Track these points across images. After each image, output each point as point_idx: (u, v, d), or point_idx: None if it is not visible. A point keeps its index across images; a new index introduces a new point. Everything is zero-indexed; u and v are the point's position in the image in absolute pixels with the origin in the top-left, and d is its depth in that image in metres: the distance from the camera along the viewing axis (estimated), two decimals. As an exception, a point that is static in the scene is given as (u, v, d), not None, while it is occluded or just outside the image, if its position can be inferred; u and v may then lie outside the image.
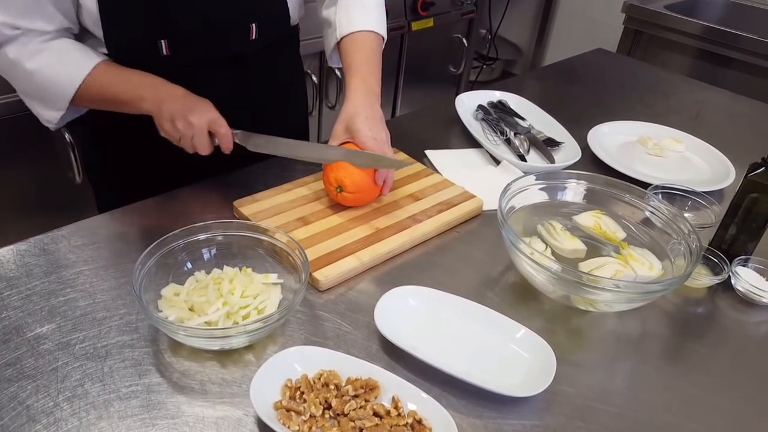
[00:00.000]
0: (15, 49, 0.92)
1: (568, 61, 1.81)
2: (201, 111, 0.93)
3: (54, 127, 1.02)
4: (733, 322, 0.89)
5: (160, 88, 0.95)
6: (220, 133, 0.94)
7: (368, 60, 1.06)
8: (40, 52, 0.93)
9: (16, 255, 0.88)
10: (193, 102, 0.94)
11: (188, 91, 0.96)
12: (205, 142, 0.94)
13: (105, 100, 0.98)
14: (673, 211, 0.92)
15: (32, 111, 1.01)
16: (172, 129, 0.93)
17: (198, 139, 0.93)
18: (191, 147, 0.95)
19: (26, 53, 0.92)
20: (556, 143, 1.27)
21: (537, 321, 0.85)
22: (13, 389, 0.69)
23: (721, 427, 0.73)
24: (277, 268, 0.85)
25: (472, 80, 3.21)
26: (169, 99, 0.94)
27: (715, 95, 1.64)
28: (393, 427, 0.67)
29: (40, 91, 0.97)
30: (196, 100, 0.95)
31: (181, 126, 0.92)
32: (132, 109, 0.96)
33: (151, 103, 0.94)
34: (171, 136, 0.94)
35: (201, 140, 0.93)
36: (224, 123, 0.95)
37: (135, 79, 0.96)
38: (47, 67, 0.93)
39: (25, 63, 0.93)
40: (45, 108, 0.99)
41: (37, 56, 0.93)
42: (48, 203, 1.66)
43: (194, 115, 0.92)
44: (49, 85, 0.95)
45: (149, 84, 0.96)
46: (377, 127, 0.99)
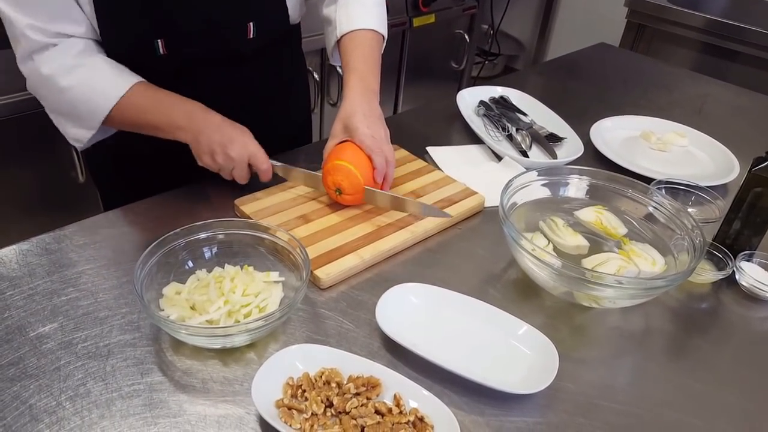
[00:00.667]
0: (50, 64, 0.90)
1: (571, 56, 1.80)
2: (240, 144, 0.94)
3: (82, 146, 1.00)
4: (737, 317, 0.89)
5: (197, 117, 0.95)
6: (260, 170, 0.97)
7: (366, 58, 1.05)
8: (75, 68, 0.91)
9: (19, 254, 0.88)
10: (231, 132, 0.94)
11: (224, 119, 0.96)
12: (244, 175, 0.97)
13: (138, 125, 0.97)
14: (677, 206, 0.91)
15: (60, 129, 0.99)
16: (212, 162, 0.94)
17: (237, 172, 0.96)
18: (230, 177, 0.96)
19: (61, 69, 0.90)
20: (559, 139, 1.27)
21: (539, 317, 0.84)
22: (16, 389, 0.69)
23: (725, 423, 0.73)
24: (278, 267, 0.85)
25: (474, 76, 3.20)
26: (206, 130, 0.93)
27: (719, 89, 1.63)
28: (395, 425, 0.66)
29: (73, 108, 0.95)
30: (234, 130, 0.95)
31: (221, 160, 0.94)
32: (167, 136, 0.95)
33: (188, 133, 0.94)
34: (210, 167, 0.96)
35: (240, 173, 0.96)
36: (264, 158, 0.96)
37: (171, 105, 0.96)
38: (82, 84, 0.92)
39: (59, 79, 0.91)
40: (75, 126, 0.97)
41: (72, 73, 0.91)
42: (51, 203, 1.67)
43: (233, 149, 0.93)
44: (83, 103, 0.93)
45: (186, 112, 0.95)
46: (375, 125, 0.99)
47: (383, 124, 1.01)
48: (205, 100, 0.99)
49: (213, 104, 0.99)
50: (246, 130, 0.97)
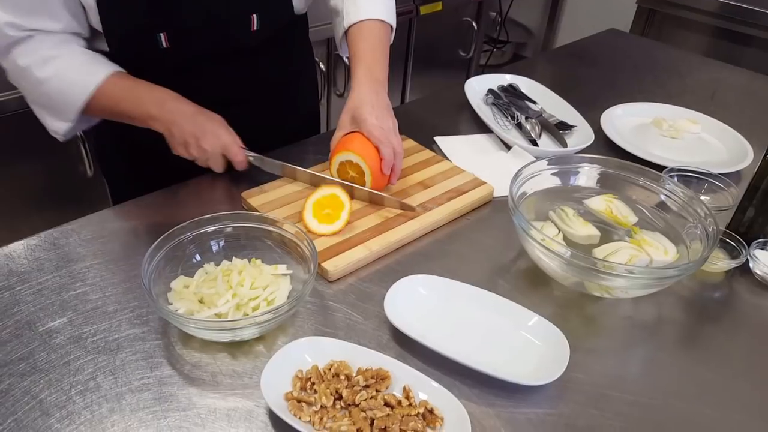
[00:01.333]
0: (26, 56, 0.91)
1: (580, 43, 1.78)
2: (213, 135, 0.93)
3: (62, 138, 1.01)
4: (750, 306, 0.87)
5: (169, 106, 0.94)
6: (235, 161, 0.97)
7: (374, 48, 1.04)
8: (50, 59, 0.91)
9: (27, 250, 0.88)
10: (203, 124, 0.93)
11: (197, 108, 0.95)
12: (219, 165, 0.97)
13: (114, 114, 0.98)
14: (689, 194, 0.90)
15: (41, 121, 0.99)
16: (186, 153, 0.95)
17: (212, 163, 0.96)
18: (205, 166, 0.97)
19: (37, 60, 0.91)
20: (569, 127, 1.25)
21: (549, 308, 0.84)
22: (26, 383, 0.69)
23: (738, 414, 0.72)
24: (286, 259, 0.85)
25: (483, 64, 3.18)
26: (179, 120, 0.93)
27: (732, 74, 1.60)
28: (404, 417, 0.66)
29: (50, 100, 0.95)
30: (206, 121, 0.94)
31: (195, 152, 0.94)
32: (143, 125, 0.95)
33: (161, 123, 0.94)
34: (185, 157, 0.96)
35: (215, 163, 0.96)
36: (238, 150, 0.96)
37: (143, 95, 0.95)
38: (57, 76, 0.92)
39: (36, 71, 0.91)
40: (54, 118, 0.98)
41: (47, 64, 0.91)
42: (60, 197, 1.67)
43: (207, 141, 0.93)
44: (59, 95, 0.94)
45: (157, 101, 0.94)
46: (383, 116, 0.98)
47: (391, 114, 1.00)
48: (212, 94, 0.98)
49: (220, 98, 0.98)
50: (220, 120, 0.96)
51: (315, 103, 1.35)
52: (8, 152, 1.54)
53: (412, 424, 0.65)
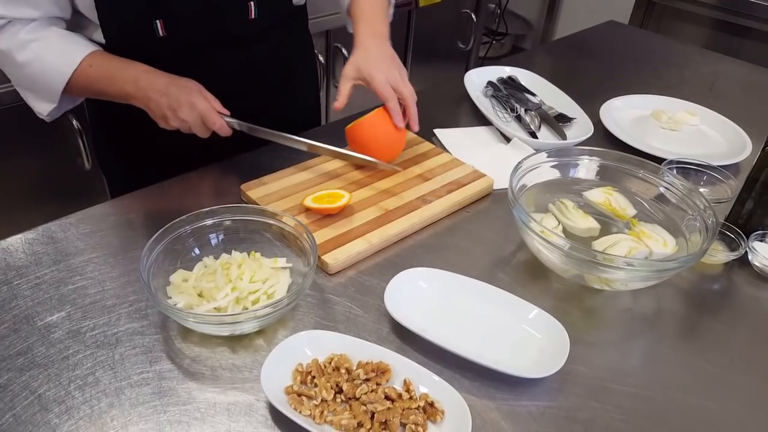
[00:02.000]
0: (5, 40, 0.91)
1: (579, 35, 1.77)
2: (188, 105, 0.92)
3: (48, 119, 1.01)
4: (749, 298, 0.87)
5: (142, 83, 0.93)
6: (214, 128, 0.95)
7: (372, 5, 1.06)
8: (29, 43, 0.91)
9: (25, 244, 0.88)
10: (177, 94, 0.92)
11: (171, 79, 0.94)
12: (202, 131, 0.95)
13: (95, 94, 0.98)
14: (688, 186, 0.90)
15: (27, 102, 1.00)
16: (168, 125, 0.94)
17: (195, 130, 0.94)
18: (189, 132, 0.95)
19: (16, 44, 0.91)
20: (568, 119, 1.25)
21: (549, 301, 0.84)
22: (25, 378, 0.69)
23: (738, 405, 0.72)
24: (285, 252, 0.85)
25: (482, 56, 3.16)
26: (153, 95, 0.92)
27: (731, 66, 1.60)
28: (405, 410, 0.66)
29: (32, 83, 0.96)
30: (180, 91, 0.92)
31: (175, 123, 0.93)
32: (124, 102, 0.95)
33: (138, 100, 0.93)
34: (168, 128, 0.95)
35: (198, 130, 0.95)
36: (214, 117, 0.94)
37: (117, 74, 0.94)
38: (37, 59, 0.92)
39: (16, 55, 0.92)
40: (37, 100, 0.98)
41: (26, 48, 0.91)
42: (58, 191, 1.67)
43: (183, 112, 0.91)
44: (40, 77, 0.94)
45: (131, 79, 0.93)
46: (389, 68, 0.99)
47: (397, 64, 1.01)
48: (210, 83, 0.98)
49: (218, 88, 0.97)
50: (195, 87, 0.94)
51: (315, 94, 1.34)
52: (6, 146, 1.53)
53: (412, 417, 0.65)
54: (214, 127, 0.94)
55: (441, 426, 0.66)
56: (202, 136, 0.96)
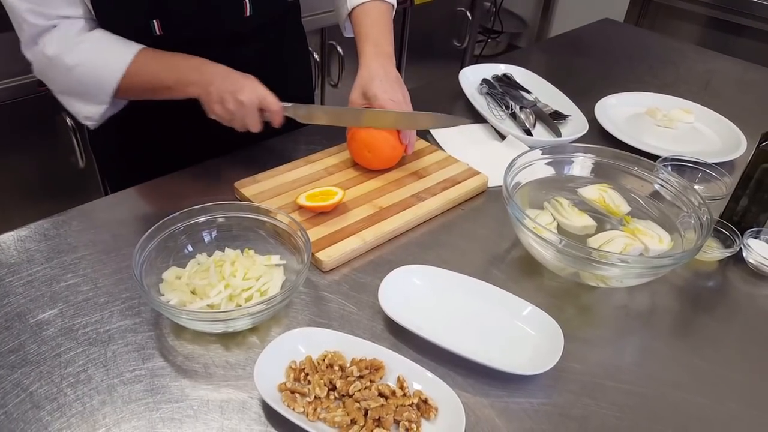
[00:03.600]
0: (53, 44, 0.90)
1: (575, 32, 1.77)
2: (249, 88, 0.92)
3: (94, 124, 1.00)
4: (744, 295, 0.87)
5: (204, 69, 0.94)
6: (271, 111, 0.95)
7: (378, 23, 1.06)
8: (79, 44, 0.91)
9: (17, 241, 0.87)
10: (239, 79, 0.93)
11: (231, 68, 0.95)
12: (256, 121, 0.95)
13: (149, 90, 0.97)
14: (683, 184, 0.90)
15: (70, 110, 0.98)
16: (223, 111, 0.93)
17: (249, 118, 0.94)
18: (242, 126, 0.95)
19: (65, 47, 0.90)
20: (563, 116, 1.25)
21: (544, 298, 0.83)
22: (17, 376, 0.69)
23: (732, 402, 0.72)
24: (279, 250, 0.84)
25: (477, 54, 3.16)
26: (215, 80, 0.92)
27: (726, 64, 1.60)
28: (399, 408, 0.66)
29: (81, 86, 0.94)
30: (242, 77, 0.94)
31: (233, 107, 0.92)
32: (178, 94, 0.95)
33: (198, 86, 0.93)
34: (222, 117, 0.94)
35: (252, 119, 0.94)
36: (275, 99, 0.95)
37: (178, 63, 0.95)
38: (87, 60, 0.91)
39: (65, 58, 0.90)
40: (86, 104, 0.96)
41: (76, 49, 0.91)
42: (52, 189, 1.66)
43: (244, 94, 0.92)
44: (90, 78, 0.93)
45: (193, 66, 0.94)
46: (393, 88, 1.00)
47: (401, 86, 1.02)
48: None
49: None
50: (253, 77, 0.96)
51: (309, 92, 1.34)
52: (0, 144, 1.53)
53: (406, 414, 0.65)
54: (273, 108, 0.94)
55: (435, 423, 0.66)
56: (254, 128, 0.95)
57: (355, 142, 1.02)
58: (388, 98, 0.98)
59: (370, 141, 1.00)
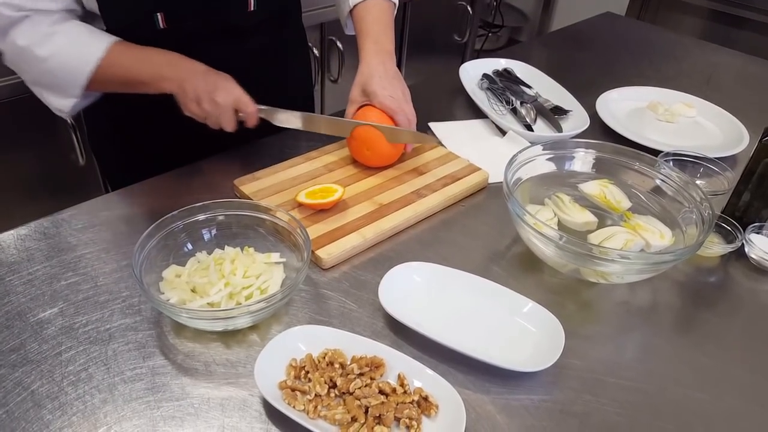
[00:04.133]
0: (25, 35, 0.89)
1: (576, 26, 1.76)
2: (226, 89, 0.92)
3: (66, 115, 1.00)
4: (746, 290, 0.87)
5: (180, 66, 0.93)
6: (246, 112, 0.95)
7: (379, 20, 1.06)
8: (51, 36, 0.90)
9: (17, 239, 0.87)
10: (215, 79, 0.93)
11: (209, 67, 0.94)
12: (231, 121, 0.94)
13: (122, 83, 0.96)
14: (685, 179, 0.89)
15: (42, 100, 0.98)
16: (198, 109, 0.93)
17: (224, 118, 0.93)
18: (216, 125, 0.94)
19: (36, 38, 0.89)
20: (564, 111, 1.24)
21: (544, 294, 0.83)
22: (18, 375, 0.69)
23: (733, 398, 0.72)
24: (279, 247, 0.84)
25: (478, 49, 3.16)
26: (191, 77, 0.92)
27: (728, 57, 1.59)
28: (399, 405, 0.66)
29: (53, 77, 0.94)
30: (218, 77, 0.93)
31: (208, 107, 0.92)
32: (153, 89, 0.94)
33: (173, 83, 0.92)
34: (196, 115, 0.94)
35: (227, 119, 0.94)
36: (249, 101, 0.95)
37: (153, 58, 0.94)
38: (59, 52, 0.90)
39: (36, 49, 0.89)
40: (57, 96, 0.96)
41: (48, 41, 0.90)
42: (52, 187, 1.66)
43: (219, 95, 0.91)
44: (62, 71, 0.92)
45: (168, 62, 0.94)
46: (392, 86, 0.99)
47: (401, 83, 1.02)
48: None
49: None
50: (230, 77, 0.95)
51: (309, 88, 1.34)
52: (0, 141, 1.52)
53: (407, 411, 0.65)
54: (247, 110, 0.94)
55: (435, 420, 0.66)
56: (228, 127, 0.94)
57: (354, 141, 1.01)
58: (387, 95, 0.98)
59: (369, 139, 0.99)
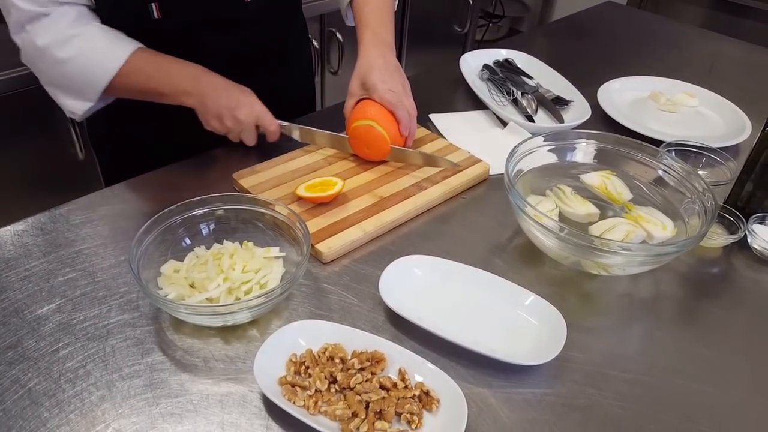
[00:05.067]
0: (45, 35, 0.88)
1: (577, 16, 1.75)
2: (247, 106, 0.92)
3: (79, 118, 0.99)
4: (749, 281, 0.86)
5: (202, 80, 0.93)
6: (268, 131, 0.96)
7: (378, 11, 1.04)
8: (72, 38, 0.89)
9: (14, 235, 0.86)
10: (237, 95, 0.93)
11: (229, 81, 0.94)
12: (253, 137, 0.96)
13: (141, 92, 0.95)
14: (687, 169, 0.88)
15: (57, 102, 0.97)
16: (220, 126, 0.93)
17: (246, 134, 0.94)
18: (237, 139, 0.95)
19: (57, 40, 0.88)
20: (565, 102, 1.23)
21: (546, 287, 0.83)
22: (15, 372, 0.68)
23: (737, 390, 0.71)
24: (278, 242, 0.83)
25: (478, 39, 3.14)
26: (212, 93, 0.92)
27: (730, 46, 1.58)
28: (400, 400, 0.65)
29: (70, 81, 0.93)
30: (240, 93, 0.93)
31: (230, 123, 0.92)
32: (172, 101, 0.94)
33: (194, 98, 0.92)
34: (217, 130, 0.94)
35: (248, 135, 0.95)
36: (272, 119, 0.95)
37: (174, 69, 0.93)
38: (80, 55, 0.89)
39: (56, 51, 0.88)
40: (73, 98, 0.95)
41: (68, 43, 0.89)
42: (52, 181, 1.65)
43: (241, 112, 0.91)
44: (81, 75, 0.91)
45: (190, 76, 0.93)
46: (392, 79, 0.98)
47: (401, 76, 1.01)
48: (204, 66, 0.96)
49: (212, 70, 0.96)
50: (251, 91, 0.96)
51: (310, 80, 1.32)
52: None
53: (408, 406, 0.64)
54: (270, 129, 0.95)
55: (437, 415, 0.65)
56: (249, 142, 0.96)
57: (354, 139, 1.00)
58: (386, 89, 0.97)
59: (368, 137, 0.98)
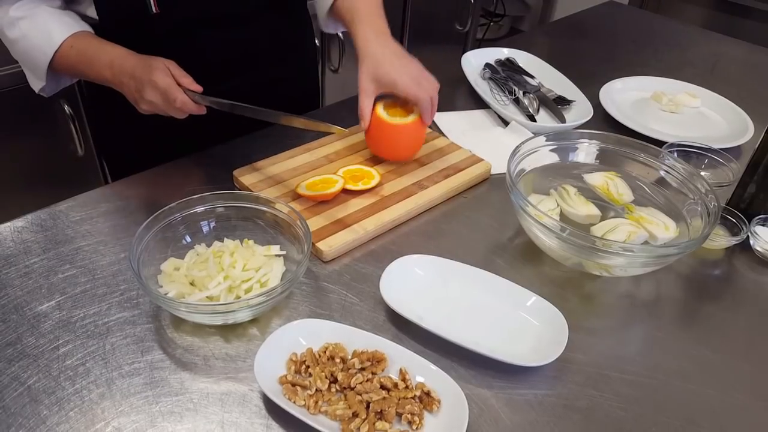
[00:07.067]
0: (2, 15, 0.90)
1: (579, 16, 1.74)
2: (150, 85, 0.86)
3: (46, 95, 1.00)
4: (751, 283, 0.86)
5: (116, 66, 0.89)
6: (175, 104, 0.86)
7: (369, 3, 1.00)
8: (18, 20, 0.90)
9: (13, 232, 0.86)
10: (141, 75, 0.86)
11: (139, 59, 0.88)
12: (172, 110, 0.88)
13: (80, 76, 0.97)
14: (689, 170, 0.88)
15: None
16: (140, 110, 0.90)
17: (166, 111, 0.88)
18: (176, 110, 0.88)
19: (6, 21, 0.91)
20: (567, 102, 1.23)
21: (547, 287, 0.82)
22: (14, 369, 0.68)
23: (738, 393, 0.71)
24: (279, 240, 0.83)
25: (479, 38, 3.13)
26: (124, 79, 0.88)
27: (733, 47, 1.57)
28: (401, 400, 0.65)
29: (22, 61, 0.96)
30: (144, 70, 0.86)
31: (146, 106, 0.88)
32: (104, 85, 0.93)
33: (116, 86, 0.91)
34: (149, 109, 0.89)
35: (168, 110, 0.88)
36: (176, 92, 0.86)
37: (95, 58, 0.91)
38: (23, 38, 0.91)
39: (7, 32, 0.91)
40: (31, 76, 0.97)
41: (15, 25, 0.91)
42: (52, 177, 1.65)
43: (147, 92, 0.86)
44: (27, 56, 0.94)
45: (107, 63, 0.90)
46: (405, 67, 0.94)
47: (410, 58, 0.97)
48: (204, 62, 0.96)
49: (212, 67, 0.95)
50: (159, 65, 0.86)
51: (315, 77, 1.31)
52: (-3, 131, 1.51)
53: (408, 407, 0.64)
54: (176, 104, 0.86)
55: (438, 415, 0.65)
56: (177, 116, 0.89)
57: (371, 139, 0.98)
58: (408, 81, 0.92)
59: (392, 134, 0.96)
